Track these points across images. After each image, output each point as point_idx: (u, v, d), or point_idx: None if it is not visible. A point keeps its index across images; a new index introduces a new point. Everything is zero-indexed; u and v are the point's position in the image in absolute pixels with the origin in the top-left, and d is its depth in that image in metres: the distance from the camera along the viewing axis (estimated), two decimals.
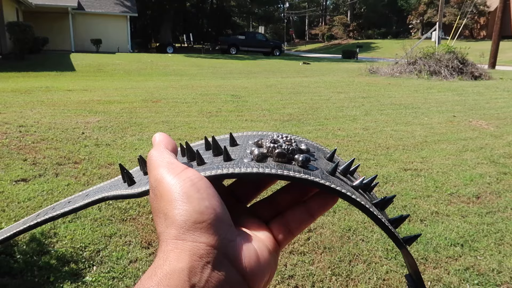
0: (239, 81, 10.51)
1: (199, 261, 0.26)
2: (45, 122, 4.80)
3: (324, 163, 0.35)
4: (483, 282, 2.22)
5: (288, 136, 0.36)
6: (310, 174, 0.32)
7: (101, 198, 0.35)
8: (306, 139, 0.39)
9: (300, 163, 0.32)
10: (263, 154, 0.33)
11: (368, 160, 4.05)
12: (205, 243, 0.26)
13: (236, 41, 27.69)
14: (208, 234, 0.27)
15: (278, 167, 0.32)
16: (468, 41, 27.38)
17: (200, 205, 0.27)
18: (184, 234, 0.27)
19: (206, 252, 0.26)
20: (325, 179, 0.32)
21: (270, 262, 0.30)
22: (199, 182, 0.29)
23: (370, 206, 0.32)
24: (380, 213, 0.33)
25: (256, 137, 0.37)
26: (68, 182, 3.14)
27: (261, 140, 0.35)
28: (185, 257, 0.26)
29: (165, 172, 0.29)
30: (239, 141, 0.37)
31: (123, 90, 7.93)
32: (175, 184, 0.28)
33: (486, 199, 3.28)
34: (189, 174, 0.29)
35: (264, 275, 0.29)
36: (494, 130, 5.58)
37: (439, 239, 2.61)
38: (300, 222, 0.34)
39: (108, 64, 15.02)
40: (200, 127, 5.13)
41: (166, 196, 0.28)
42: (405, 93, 8.62)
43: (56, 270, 2.08)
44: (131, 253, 2.29)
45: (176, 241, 0.27)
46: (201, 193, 0.28)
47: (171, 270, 0.25)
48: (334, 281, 2.16)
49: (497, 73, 13.83)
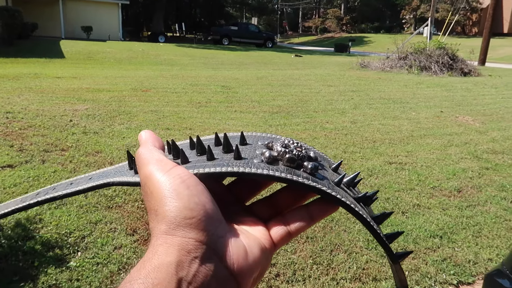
0: (230, 72, 10.49)
1: (187, 255, 0.27)
2: (32, 109, 4.77)
3: (330, 173, 0.36)
4: (459, 272, 2.29)
5: (299, 142, 0.36)
6: (318, 182, 0.32)
7: (107, 183, 0.35)
8: (313, 148, 0.39)
9: (309, 170, 0.33)
10: (273, 157, 0.33)
11: (354, 153, 4.11)
12: (194, 238, 0.27)
13: (229, 32, 27.53)
14: (197, 230, 0.27)
15: (288, 171, 0.32)
16: (459, 37, 27.55)
17: (189, 202, 0.28)
18: (174, 229, 0.27)
19: (194, 247, 0.27)
20: (332, 189, 0.33)
21: (261, 260, 0.31)
22: (189, 179, 0.29)
23: (371, 220, 0.33)
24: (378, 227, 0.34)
25: (266, 139, 0.38)
26: (55, 169, 3.14)
27: (271, 143, 0.36)
28: (173, 251, 0.27)
29: (154, 169, 0.30)
30: (249, 141, 0.37)
31: (113, 79, 7.88)
32: (165, 181, 0.29)
33: (467, 193, 3.36)
34: (178, 171, 0.30)
35: (253, 272, 0.30)
36: (479, 126, 5.68)
37: (419, 230, 2.68)
38: (300, 224, 0.35)
39: (99, 52, 14.86)
40: (189, 117, 5.14)
41: (156, 193, 0.29)
42: (394, 88, 8.70)
43: (41, 255, 2.10)
44: (116, 240, 2.31)
45: (165, 236, 0.27)
46: (190, 190, 0.28)
47: (159, 264, 0.26)
48: (315, 269, 2.21)
49: (487, 70, 13.99)
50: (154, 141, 0.34)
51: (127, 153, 0.37)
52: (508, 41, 29.51)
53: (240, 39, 27.37)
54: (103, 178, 0.36)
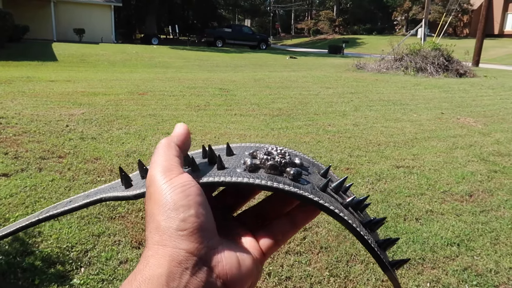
0: (226, 75, 10.38)
1: (178, 267, 0.26)
2: (27, 113, 4.61)
3: (317, 178, 0.36)
4: (482, 283, 2.19)
5: (282, 149, 0.36)
6: (300, 188, 0.32)
7: (100, 199, 0.36)
8: (302, 154, 0.39)
9: (291, 176, 0.33)
10: (255, 165, 0.33)
11: (360, 157, 4.01)
12: (185, 249, 0.27)
13: (223, 33, 27.41)
14: (188, 242, 0.27)
15: (269, 178, 0.32)
16: (451, 38, 27.69)
17: (185, 213, 0.28)
18: (166, 240, 0.27)
19: (185, 259, 0.27)
20: (314, 194, 0.32)
21: (252, 271, 0.31)
22: (190, 189, 0.29)
23: (358, 225, 0.32)
24: (368, 233, 0.33)
25: (252, 148, 0.37)
26: (53, 177, 3.00)
27: (256, 152, 0.35)
28: (164, 262, 0.26)
29: (159, 173, 0.30)
30: (236, 151, 0.37)
31: (108, 82, 7.72)
32: (166, 189, 0.29)
33: (479, 197, 3.28)
34: (181, 180, 0.29)
35: (245, 283, 0.30)
36: (482, 127, 5.62)
37: (435, 238, 2.58)
38: (285, 232, 0.35)
39: (92, 54, 14.66)
40: (189, 121, 5.01)
41: (155, 199, 0.29)
42: (392, 90, 8.64)
43: (41, 272, 1.96)
44: (121, 254, 2.18)
45: (157, 246, 0.27)
46: (188, 200, 0.28)
47: (150, 275, 0.26)
48: (332, 282, 2.10)
49: (481, 71, 14.03)
50: (183, 140, 0.33)
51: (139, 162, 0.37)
52: (499, 42, 29.79)
53: (234, 41, 27.26)
54: (98, 194, 0.37)
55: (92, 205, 0.36)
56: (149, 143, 3.96)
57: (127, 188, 0.36)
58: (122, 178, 0.37)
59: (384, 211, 2.90)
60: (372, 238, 0.34)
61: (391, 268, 0.33)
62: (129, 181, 0.36)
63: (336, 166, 3.70)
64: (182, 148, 0.33)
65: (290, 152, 0.37)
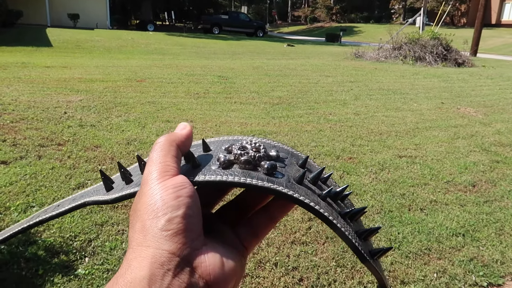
0: (224, 62, 10.27)
1: (160, 268, 0.26)
2: (23, 100, 4.53)
3: (295, 170, 0.35)
4: (488, 273, 2.19)
5: (257, 142, 0.35)
6: (274, 182, 0.31)
7: (83, 203, 0.36)
8: (281, 144, 0.39)
9: (265, 170, 0.32)
10: (229, 161, 0.33)
11: (363, 146, 3.99)
12: (168, 250, 0.27)
13: (219, 20, 27.10)
14: (171, 242, 0.27)
15: (243, 174, 0.31)
16: (449, 28, 27.58)
17: (172, 213, 0.27)
18: (149, 240, 0.27)
19: (167, 260, 0.26)
20: (289, 188, 0.31)
21: (236, 269, 0.31)
22: (182, 190, 0.29)
23: (335, 217, 0.32)
24: (345, 224, 0.32)
25: (230, 142, 0.36)
26: (53, 165, 2.95)
27: (231, 146, 0.34)
28: (146, 264, 0.26)
29: (154, 173, 0.30)
30: (213, 147, 0.36)
31: (105, 68, 7.61)
32: (157, 189, 0.28)
33: (482, 187, 3.27)
34: (175, 181, 0.29)
35: (229, 282, 0.30)
36: (482, 117, 5.61)
37: (440, 228, 2.57)
38: (264, 226, 0.35)
39: (87, 40, 14.45)
40: (189, 108, 4.95)
41: (145, 198, 0.29)
42: (392, 79, 8.60)
43: (45, 262, 1.92)
44: (125, 243, 2.15)
45: (140, 248, 0.27)
46: (178, 201, 0.28)
47: (132, 279, 0.26)
48: (339, 272, 2.09)
49: (479, 61, 14.00)
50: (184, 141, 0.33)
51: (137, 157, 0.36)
52: (497, 32, 29.71)
53: (231, 28, 26.98)
54: (83, 198, 0.36)
55: (77, 209, 0.36)
56: (150, 131, 3.90)
57: (108, 191, 0.36)
58: (103, 181, 0.36)
59: (388, 201, 2.88)
60: (352, 228, 0.33)
61: (372, 258, 0.32)
62: (110, 184, 0.36)
63: (338, 155, 3.67)
64: (182, 149, 0.33)
65: (267, 144, 0.37)
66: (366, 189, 3.06)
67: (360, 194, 2.96)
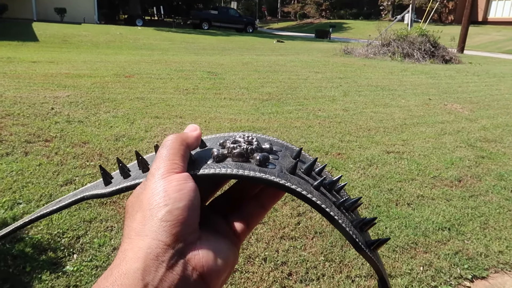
0: (213, 58, 10.23)
1: (154, 260, 0.26)
2: (9, 95, 4.46)
3: (288, 161, 0.35)
4: (473, 266, 2.23)
5: (250, 135, 0.36)
6: (265, 172, 0.32)
7: (82, 197, 0.37)
8: (275, 138, 0.39)
9: (258, 161, 0.33)
10: (223, 154, 0.33)
11: (351, 142, 4.02)
12: (164, 242, 0.27)
13: (209, 16, 26.92)
14: (168, 234, 0.27)
15: (235, 166, 0.32)
16: (436, 25, 27.80)
17: (173, 205, 0.28)
18: (147, 229, 0.27)
19: (162, 251, 0.27)
20: (281, 177, 0.32)
21: (229, 261, 0.31)
22: (185, 184, 0.29)
23: (329, 205, 0.32)
24: (340, 214, 0.32)
25: (224, 138, 0.37)
26: (40, 161, 2.92)
27: (225, 141, 0.35)
28: (141, 256, 0.26)
29: (162, 169, 0.30)
30: (209, 143, 0.37)
31: (93, 63, 7.52)
32: (161, 182, 0.29)
33: (468, 182, 3.33)
34: (179, 176, 0.30)
35: (223, 273, 0.30)
36: (468, 114, 5.69)
37: (427, 223, 2.61)
38: (255, 215, 0.36)
39: (74, 35, 14.26)
40: (178, 104, 4.93)
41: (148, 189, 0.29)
42: (380, 75, 8.66)
43: (33, 259, 1.91)
44: (114, 239, 2.15)
45: (137, 238, 0.27)
46: (181, 194, 0.29)
47: (126, 270, 0.26)
48: (327, 267, 2.11)
49: (466, 58, 14.17)
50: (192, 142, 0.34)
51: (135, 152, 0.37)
52: (483, 29, 30.06)
53: (220, 24, 26.83)
54: (82, 193, 0.37)
55: (76, 203, 0.37)
56: (138, 127, 3.88)
57: (107, 185, 0.37)
58: (102, 176, 0.37)
59: (376, 196, 2.92)
60: (348, 218, 0.33)
61: (368, 248, 0.32)
62: (109, 179, 0.37)
63: (327, 151, 3.70)
64: (190, 149, 0.34)
65: (260, 138, 0.37)
66: (355, 184, 3.09)
67: (348, 190, 2.99)
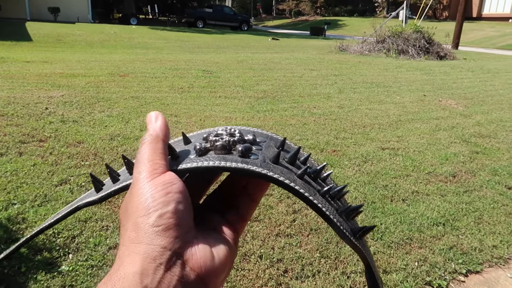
0: (208, 56, 10.21)
1: (152, 263, 0.27)
2: (3, 96, 4.44)
3: (272, 151, 0.35)
4: (467, 261, 2.25)
5: (232, 128, 0.36)
6: (247, 163, 0.32)
7: (76, 207, 0.36)
8: (260, 130, 0.39)
9: (240, 153, 0.33)
10: (205, 148, 0.33)
11: (346, 139, 4.03)
12: (159, 245, 0.27)
13: (203, 14, 26.86)
14: (163, 237, 0.27)
15: (217, 159, 0.32)
16: (431, 21, 27.88)
17: (162, 209, 0.28)
18: (141, 236, 0.27)
19: (159, 254, 0.27)
20: (263, 167, 0.32)
21: (227, 258, 0.31)
22: (172, 187, 0.29)
23: (312, 194, 0.32)
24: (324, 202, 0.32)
25: (207, 133, 0.37)
26: (34, 162, 2.91)
27: (208, 135, 0.35)
28: (138, 260, 0.27)
29: (143, 173, 0.30)
30: (193, 139, 0.37)
31: (87, 63, 7.49)
32: (147, 188, 0.29)
33: (462, 178, 3.34)
34: (164, 178, 0.30)
35: (221, 272, 0.30)
36: (463, 109, 5.72)
37: (422, 218, 2.63)
38: (247, 207, 0.37)
39: (68, 34, 14.18)
40: (173, 103, 4.92)
41: (136, 198, 0.29)
42: (375, 72, 8.68)
43: (28, 259, 1.90)
44: (110, 239, 2.14)
45: (132, 244, 0.27)
46: (168, 197, 0.28)
47: (124, 274, 0.26)
48: (323, 263, 2.12)
49: (461, 54, 14.22)
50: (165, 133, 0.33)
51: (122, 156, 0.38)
52: (477, 25, 30.17)
53: (215, 22, 26.77)
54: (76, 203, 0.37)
55: (72, 213, 0.37)
56: (133, 126, 3.87)
57: (98, 192, 0.37)
58: (93, 183, 0.37)
59: (371, 193, 2.93)
60: (333, 206, 0.33)
61: (353, 236, 0.32)
62: (100, 186, 0.37)
63: (322, 148, 3.71)
64: (166, 142, 0.33)
65: (243, 130, 0.38)
66: (350, 181, 3.10)
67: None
